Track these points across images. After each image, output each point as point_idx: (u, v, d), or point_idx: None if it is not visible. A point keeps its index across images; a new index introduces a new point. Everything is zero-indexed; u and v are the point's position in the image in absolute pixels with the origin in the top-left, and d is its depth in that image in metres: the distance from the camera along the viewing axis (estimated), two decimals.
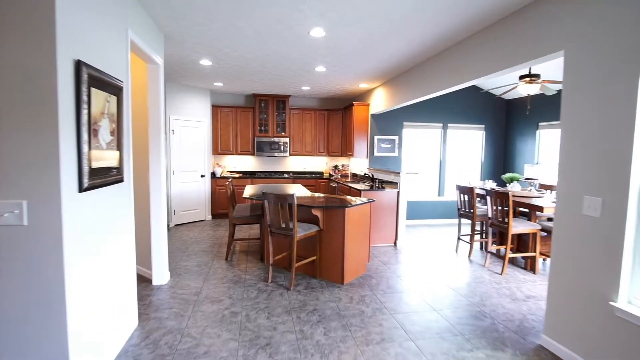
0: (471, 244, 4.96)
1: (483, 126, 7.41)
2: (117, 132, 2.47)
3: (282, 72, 5.51)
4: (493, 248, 4.79)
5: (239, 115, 7.60)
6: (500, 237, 5.07)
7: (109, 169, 2.33)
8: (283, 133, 7.72)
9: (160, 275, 3.81)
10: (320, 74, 5.59)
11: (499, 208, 4.37)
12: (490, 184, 5.48)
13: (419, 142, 7.28)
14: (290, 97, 7.80)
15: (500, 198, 4.29)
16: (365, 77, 5.85)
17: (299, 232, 3.72)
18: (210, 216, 7.40)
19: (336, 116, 7.89)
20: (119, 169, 2.51)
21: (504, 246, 4.58)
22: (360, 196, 5.37)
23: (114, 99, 2.39)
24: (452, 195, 7.38)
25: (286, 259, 4.27)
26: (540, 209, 4.03)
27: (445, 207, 7.35)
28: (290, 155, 7.89)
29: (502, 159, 7.53)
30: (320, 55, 4.55)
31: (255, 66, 5.16)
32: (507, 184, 5.07)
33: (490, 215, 4.55)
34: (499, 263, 4.70)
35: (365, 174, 6.92)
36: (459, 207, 5.20)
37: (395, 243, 5.56)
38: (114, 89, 2.38)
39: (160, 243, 3.77)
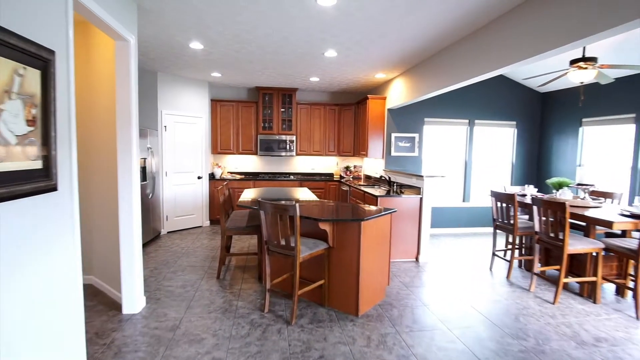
0: (511, 262, 4.13)
1: (514, 123, 6.54)
2: (44, 122, 1.75)
3: (286, 58, 4.76)
4: (538, 269, 3.95)
5: (240, 111, 6.89)
6: (546, 254, 4.23)
7: (23, 173, 1.61)
8: (289, 130, 6.98)
9: (132, 302, 3.10)
10: (331, 60, 4.82)
11: (550, 220, 3.55)
12: (532, 190, 4.64)
13: (442, 140, 6.46)
14: (297, 91, 7.05)
15: (553, 208, 3.46)
16: (382, 65, 5.07)
17: (302, 251, 2.96)
18: (209, 222, 6.70)
19: (348, 112, 7.12)
20: (47, 174, 1.79)
21: (554, 267, 3.75)
22: (376, 203, 4.59)
23: (34, 73, 1.67)
24: (478, 201, 6.53)
25: (287, 282, 3.52)
26: (608, 224, 3.19)
27: (470, 215, 6.51)
28: (297, 155, 7.14)
29: (535, 160, 6.66)
30: (330, 35, 3.79)
31: (254, 50, 4.42)
32: (554, 191, 4.23)
33: (537, 229, 3.72)
34: (545, 287, 3.87)
35: (381, 176, 6.13)
36: (495, 217, 4.38)
37: (417, 258, 4.76)
38: (33, 58, 1.66)
39: (131, 263, 3.05)
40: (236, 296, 3.48)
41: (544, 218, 3.62)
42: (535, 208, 3.71)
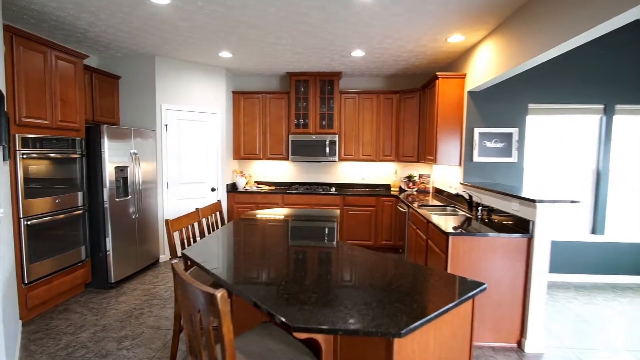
0: None
1: None
2: None
3: (299, 11, 3.09)
4: None
5: (268, 104, 5.41)
6: None
7: None
8: (330, 129, 5.29)
9: None
10: (372, 10, 3.03)
11: None
12: None
13: (557, 138, 4.20)
14: (340, 76, 5.34)
15: None
16: (459, 13, 3.12)
17: None
18: None
19: (411, 101, 5.19)
20: None
21: None
22: (445, 245, 2.68)
23: None
24: (616, 234, 4.12)
25: None
26: None
27: (604, 255, 4.13)
28: (340, 160, 5.42)
29: None
30: None
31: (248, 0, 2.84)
32: None
33: None
34: None
35: (457, 193, 4.13)
36: None
37: (519, 343, 2.72)
38: None
39: None
40: None
41: None
42: None
